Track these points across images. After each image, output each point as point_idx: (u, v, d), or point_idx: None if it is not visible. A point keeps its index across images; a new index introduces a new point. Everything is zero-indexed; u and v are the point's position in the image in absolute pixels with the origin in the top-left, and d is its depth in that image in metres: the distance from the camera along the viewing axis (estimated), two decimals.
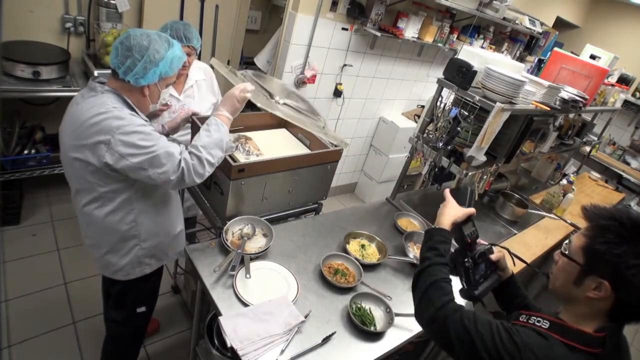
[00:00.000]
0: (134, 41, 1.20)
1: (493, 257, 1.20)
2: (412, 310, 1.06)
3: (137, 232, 1.41)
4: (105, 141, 1.17)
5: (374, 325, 1.44)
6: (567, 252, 0.90)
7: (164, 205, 1.47)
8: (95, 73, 2.35)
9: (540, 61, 3.44)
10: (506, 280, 1.23)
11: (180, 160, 1.25)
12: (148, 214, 1.41)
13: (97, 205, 1.32)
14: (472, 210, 1.19)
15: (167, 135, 1.75)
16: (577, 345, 0.80)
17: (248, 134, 1.92)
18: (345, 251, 1.74)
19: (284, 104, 1.61)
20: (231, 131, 1.85)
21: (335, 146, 1.89)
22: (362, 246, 1.81)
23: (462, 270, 1.15)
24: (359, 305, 1.48)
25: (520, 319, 0.91)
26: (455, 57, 1.94)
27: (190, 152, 1.29)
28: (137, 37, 1.22)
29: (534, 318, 0.88)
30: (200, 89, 2.08)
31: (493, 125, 1.82)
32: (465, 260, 1.15)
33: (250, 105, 1.57)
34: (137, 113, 1.28)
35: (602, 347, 0.79)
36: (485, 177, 2.30)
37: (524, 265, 1.26)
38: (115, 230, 1.37)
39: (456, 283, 1.09)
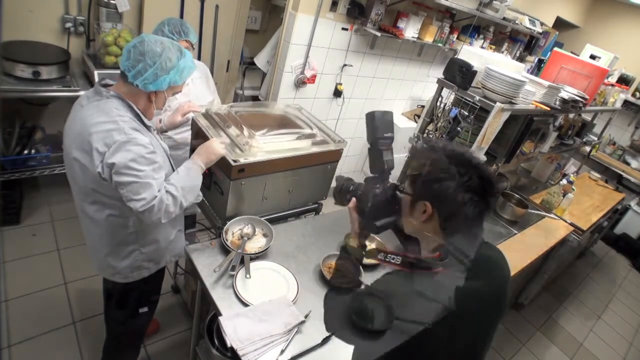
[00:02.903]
0: (147, 47, 1.21)
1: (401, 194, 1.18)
2: None
3: (137, 238, 1.40)
4: (102, 152, 1.18)
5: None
6: (403, 189, 1.05)
7: None
8: (95, 73, 2.35)
9: (540, 61, 3.44)
10: None
11: (155, 197, 1.24)
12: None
13: (97, 208, 1.32)
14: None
15: (165, 131, 1.73)
16: (419, 270, 0.93)
17: None
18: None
19: (265, 142, 1.64)
20: None
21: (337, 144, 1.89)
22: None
23: (370, 197, 1.13)
24: None
25: (379, 256, 1.02)
26: (455, 57, 1.95)
27: (167, 191, 1.28)
28: (151, 43, 1.22)
29: (390, 256, 1.00)
30: (197, 87, 2.08)
31: (493, 125, 1.82)
32: (377, 186, 1.13)
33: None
34: (142, 121, 1.28)
35: (443, 266, 0.90)
36: None
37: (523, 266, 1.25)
38: (115, 233, 1.37)
39: None
